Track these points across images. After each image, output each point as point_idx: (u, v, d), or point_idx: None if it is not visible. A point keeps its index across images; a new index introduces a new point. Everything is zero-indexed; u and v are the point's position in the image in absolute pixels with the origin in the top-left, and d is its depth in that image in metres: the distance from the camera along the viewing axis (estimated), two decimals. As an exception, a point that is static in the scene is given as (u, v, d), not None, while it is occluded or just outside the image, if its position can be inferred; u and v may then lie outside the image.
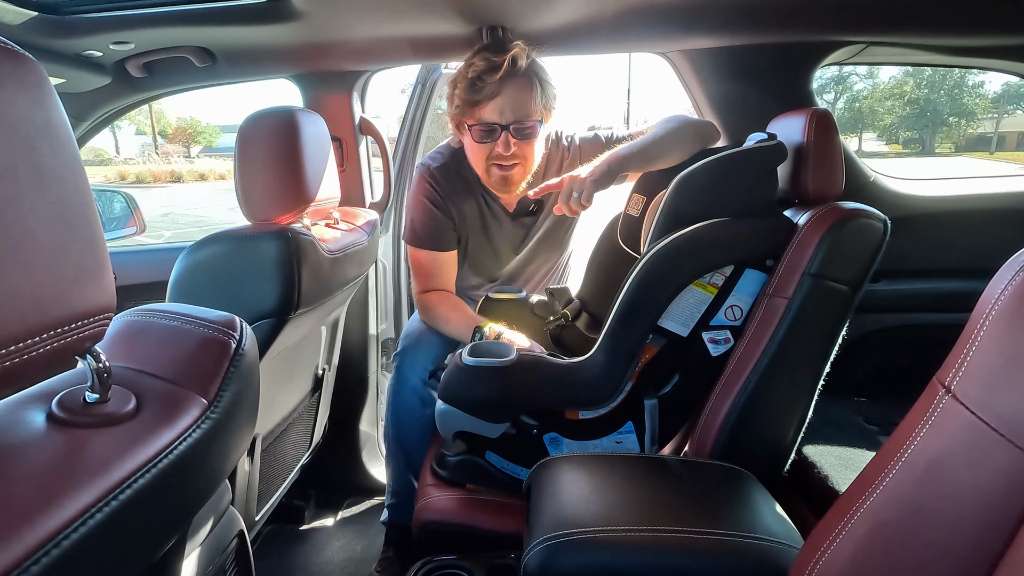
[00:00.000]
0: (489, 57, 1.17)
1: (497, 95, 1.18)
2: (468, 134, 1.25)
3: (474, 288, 1.52)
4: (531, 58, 1.19)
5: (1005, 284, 0.43)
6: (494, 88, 1.17)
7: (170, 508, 0.46)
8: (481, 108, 1.20)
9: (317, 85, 1.57)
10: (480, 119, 1.21)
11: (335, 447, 1.68)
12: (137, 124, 32.89)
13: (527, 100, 1.19)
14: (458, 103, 1.22)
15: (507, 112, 1.19)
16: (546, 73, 1.24)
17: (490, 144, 1.23)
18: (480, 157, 1.26)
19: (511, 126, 1.20)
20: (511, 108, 1.19)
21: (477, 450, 1.05)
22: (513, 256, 1.45)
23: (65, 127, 0.37)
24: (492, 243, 1.42)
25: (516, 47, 1.17)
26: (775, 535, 0.72)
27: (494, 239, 1.42)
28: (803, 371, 0.93)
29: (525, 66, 1.18)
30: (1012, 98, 31.76)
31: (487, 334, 1.17)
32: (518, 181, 1.28)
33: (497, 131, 1.21)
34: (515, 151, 1.22)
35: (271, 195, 1.01)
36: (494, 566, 0.89)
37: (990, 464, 0.41)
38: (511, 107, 1.19)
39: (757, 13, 1.22)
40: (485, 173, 1.28)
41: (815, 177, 1.00)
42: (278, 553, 1.55)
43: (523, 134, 1.21)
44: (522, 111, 1.19)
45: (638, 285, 0.98)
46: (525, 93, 1.19)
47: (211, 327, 0.53)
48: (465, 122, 1.24)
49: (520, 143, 1.22)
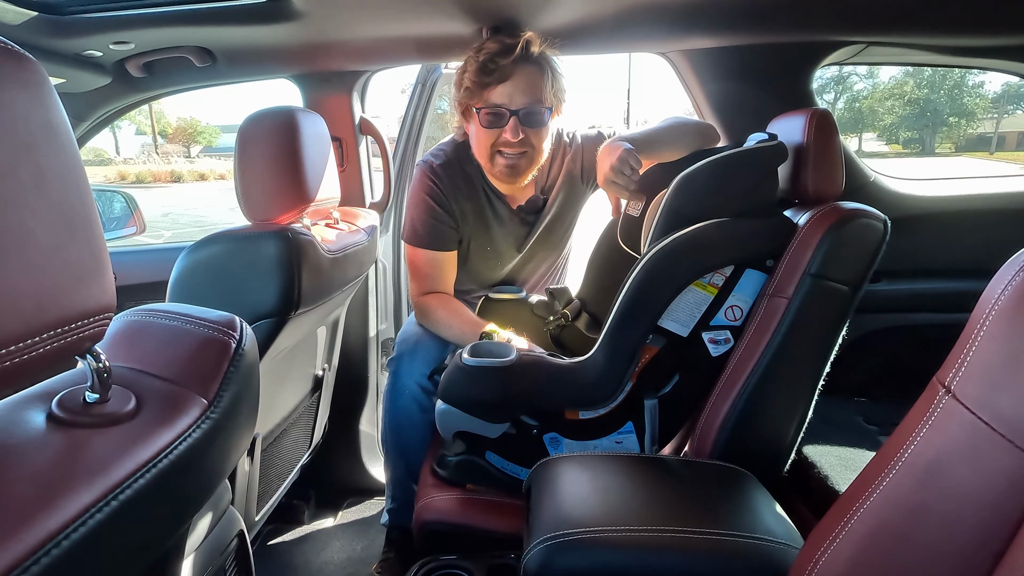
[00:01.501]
0: (503, 40, 1.15)
1: (508, 78, 1.16)
2: (475, 119, 1.22)
3: (469, 293, 1.49)
4: (544, 47, 1.18)
5: (1005, 284, 0.43)
6: (506, 71, 1.15)
7: (170, 508, 0.46)
8: (491, 91, 1.17)
9: (317, 85, 1.57)
10: (489, 102, 1.18)
11: (335, 447, 1.68)
12: (137, 124, 32.91)
13: (539, 86, 1.17)
14: (468, 85, 1.19)
15: (517, 96, 1.17)
16: (558, 64, 1.22)
17: (497, 130, 1.20)
18: (486, 144, 1.23)
19: (521, 111, 1.18)
20: (522, 92, 1.17)
21: (477, 450, 1.05)
22: (516, 255, 1.44)
23: (65, 127, 0.37)
24: (494, 242, 1.40)
25: (530, 33, 1.16)
26: (775, 535, 0.72)
27: (496, 238, 1.39)
28: (803, 371, 0.93)
29: (538, 52, 1.16)
30: (1012, 98, 31.77)
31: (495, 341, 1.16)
32: (524, 172, 1.25)
33: (506, 116, 1.18)
34: (523, 138, 1.19)
35: (271, 195, 1.01)
36: (494, 566, 0.89)
37: (990, 464, 0.41)
38: (522, 91, 1.16)
39: (757, 13, 1.22)
40: (489, 162, 1.25)
41: (815, 177, 1.00)
42: (278, 553, 1.55)
43: (533, 120, 1.19)
44: (533, 96, 1.17)
45: (638, 285, 0.98)
46: (537, 78, 1.17)
47: (211, 327, 0.53)
48: (473, 106, 1.21)
49: (529, 130, 1.19)
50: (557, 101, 1.23)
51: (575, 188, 1.39)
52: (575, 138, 1.40)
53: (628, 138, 1.11)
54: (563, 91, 1.23)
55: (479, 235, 1.38)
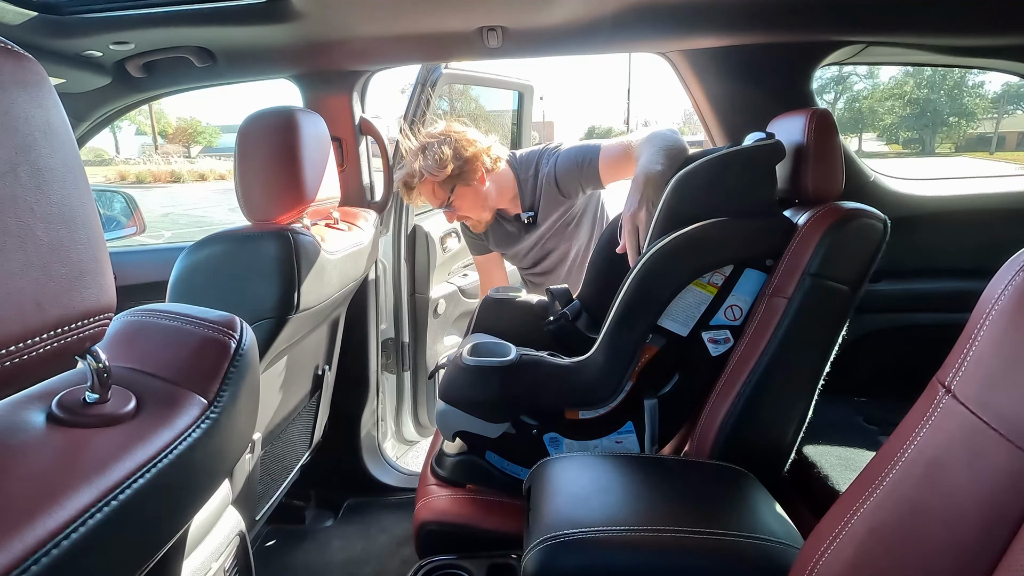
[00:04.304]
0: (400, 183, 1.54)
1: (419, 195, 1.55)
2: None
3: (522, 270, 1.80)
4: (421, 175, 1.47)
5: (1005, 284, 0.43)
6: (414, 195, 1.55)
7: (170, 508, 0.46)
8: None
9: (317, 85, 1.57)
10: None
11: (335, 447, 1.68)
12: (137, 124, 32.91)
13: (431, 194, 1.53)
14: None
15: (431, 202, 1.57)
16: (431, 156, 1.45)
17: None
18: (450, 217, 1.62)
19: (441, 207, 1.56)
20: (428, 202, 1.58)
21: (477, 450, 1.05)
22: (531, 249, 1.68)
23: (65, 127, 0.37)
24: (512, 246, 1.69)
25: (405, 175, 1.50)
26: (775, 535, 0.72)
27: (511, 243, 1.69)
28: (803, 371, 0.93)
29: (418, 174, 1.47)
30: (1012, 98, 31.78)
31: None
32: (480, 223, 1.60)
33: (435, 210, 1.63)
34: (457, 215, 1.56)
35: (271, 195, 1.01)
36: (494, 566, 0.89)
37: (990, 464, 0.41)
38: (427, 202, 1.59)
39: (757, 13, 1.22)
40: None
41: (815, 177, 1.00)
42: (278, 553, 1.55)
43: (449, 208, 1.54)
44: (435, 203, 1.56)
45: (638, 285, 0.98)
46: (427, 192, 1.53)
47: (211, 327, 0.53)
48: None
49: (452, 213, 1.55)
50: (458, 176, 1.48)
51: (559, 200, 1.55)
52: (550, 160, 1.53)
53: (647, 175, 1.17)
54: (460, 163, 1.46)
55: (499, 243, 1.71)
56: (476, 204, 1.54)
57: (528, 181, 1.57)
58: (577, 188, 1.51)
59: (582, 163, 1.47)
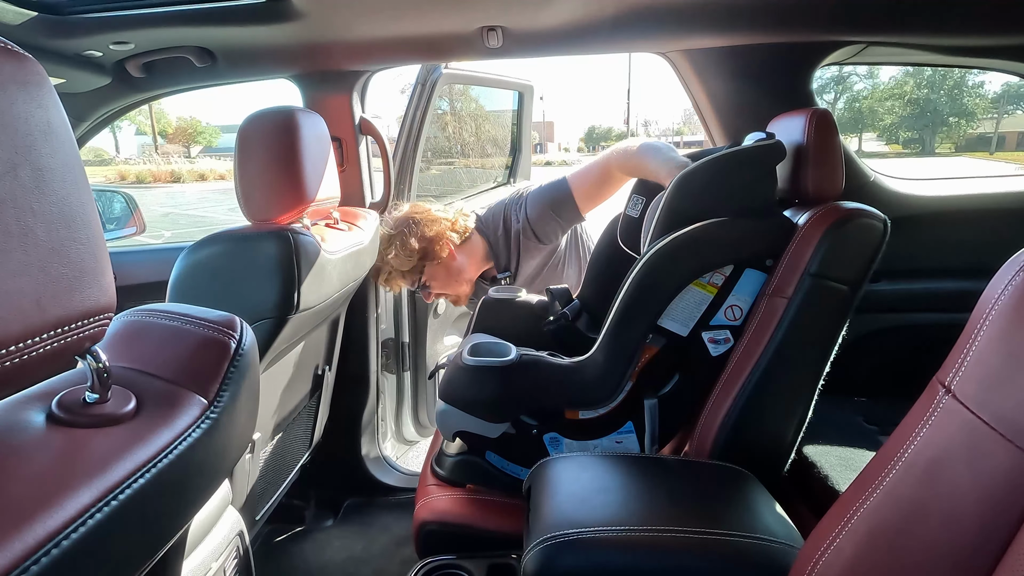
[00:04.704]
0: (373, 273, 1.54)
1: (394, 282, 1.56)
2: None
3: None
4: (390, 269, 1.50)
5: (1005, 284, 0.43)
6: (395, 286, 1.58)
7: (170, 508, 0.46)
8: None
9: (317, 85, 1.57)
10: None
11: (335, 447, 1.68)
12: (137, 124, 32.95)
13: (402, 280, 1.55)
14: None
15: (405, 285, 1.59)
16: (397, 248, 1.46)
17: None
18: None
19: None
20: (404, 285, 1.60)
21: (477, 450, 1.05)
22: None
23: (65, 127, 0.37)
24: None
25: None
26: (775, 535, 0.72)
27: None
28: (803, 371, 0.93)
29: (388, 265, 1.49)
30: (1012, 98, 31.79)
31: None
32: (456, 299, 1.62)
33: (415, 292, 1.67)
34: (434, 294, 1.58)
35: (271, 195, 1.01)
36: (494, 566, 0.89)
37: (990, 464, 0.41)
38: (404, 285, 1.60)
39: (757, 13, 1.22)
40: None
41: (815, 177, 1.00)
42: (278, 553, 1.55)
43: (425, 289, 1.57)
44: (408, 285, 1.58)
45: (638, 285, 0.98)
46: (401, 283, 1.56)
47: (211, 327, 0.53)
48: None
49: (429, 292, 1.58)
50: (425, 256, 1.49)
51: (540, 248, 1.55)
52: (519, 213, 1.51)
53: (684, 163, 1.16)
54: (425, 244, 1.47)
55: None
56: (450, 279, 1.54)
57: (500, 240, 1.56)
58: (556, 230, 1.49)
59: (555, 204, 1.44)
